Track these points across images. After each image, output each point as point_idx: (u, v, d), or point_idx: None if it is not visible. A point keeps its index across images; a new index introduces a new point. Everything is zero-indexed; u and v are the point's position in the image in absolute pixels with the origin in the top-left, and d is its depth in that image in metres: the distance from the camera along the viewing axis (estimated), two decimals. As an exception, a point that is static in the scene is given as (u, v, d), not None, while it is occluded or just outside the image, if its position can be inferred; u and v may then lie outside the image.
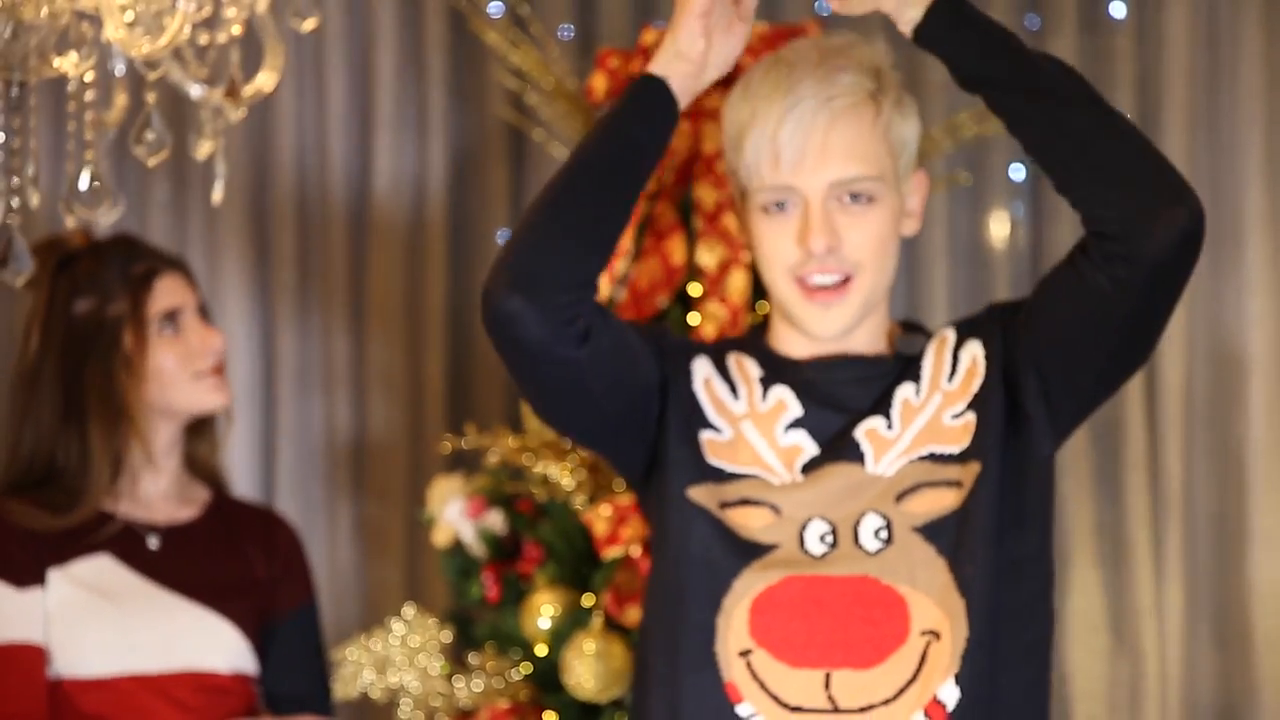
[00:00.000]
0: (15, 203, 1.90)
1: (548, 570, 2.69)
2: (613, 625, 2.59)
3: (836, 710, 1.96)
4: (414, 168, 3.64)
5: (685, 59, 2.00)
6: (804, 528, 2.02)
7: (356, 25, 3.63)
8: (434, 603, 3.37)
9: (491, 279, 1.99)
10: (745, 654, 1.99)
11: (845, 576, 1.99)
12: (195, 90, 1.97)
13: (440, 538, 2.87)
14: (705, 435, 2.09)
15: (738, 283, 2.68)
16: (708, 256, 2.69)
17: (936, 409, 2.06)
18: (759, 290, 2.72)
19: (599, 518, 2.61)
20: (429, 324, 3.60)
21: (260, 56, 2.00)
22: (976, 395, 2.05)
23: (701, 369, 2.13)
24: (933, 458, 2.03)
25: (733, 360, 2.14)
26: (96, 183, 1.91)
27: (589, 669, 2.56)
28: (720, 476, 2.06)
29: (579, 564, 2.68)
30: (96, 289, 2.55)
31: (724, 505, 2.05)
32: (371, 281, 3.62)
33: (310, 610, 2.68)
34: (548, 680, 2.64)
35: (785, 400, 2.09)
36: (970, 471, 2.01)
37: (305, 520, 3.62)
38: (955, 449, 2.03)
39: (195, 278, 2.68)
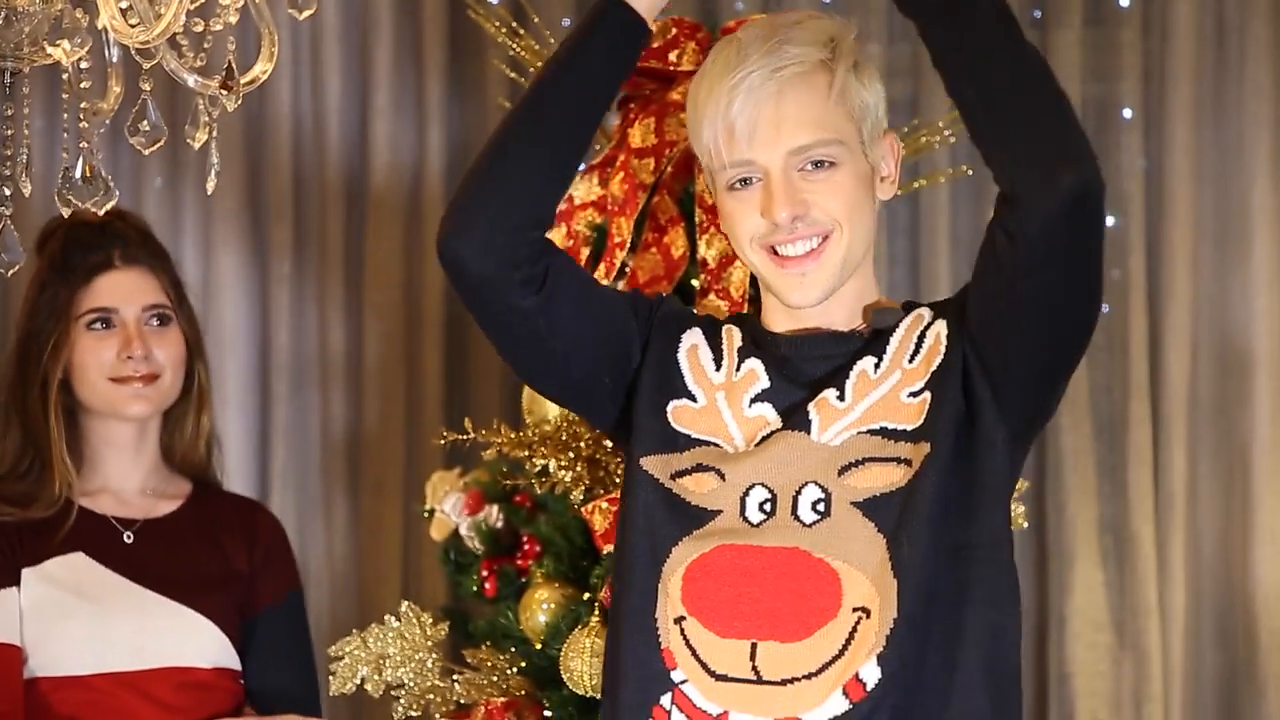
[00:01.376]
0: (8, 192, 1.88)
1: (545, 565, 2.69)
2: None
3: (760, 682, 1.94)
4: (412, 158, 3.63)
5: None
6: (745, 494, 2.01)
7: (354, 14, 3.62)
8: (430, 598, 3.38)
9: (441, 220, 2.02)
10: (679, 621, 1.98)
11: (777, 548, 1.97)
12: (190, 79, 1.95)
13: (437, 532, 2.86)
14: (675, 404, 2.08)
15: (739, 276, 2.65)
16: (709, 249, 2.67)
17: (894, 385, 2.02)
18: (759, 285, 2.72)
19: (598, 512, 2.59)
20: (426, 318, 3.60)
21: (256, 45, 1.98)
22: (934, 374, 2.01)
23: (690, 338, 2.12)
24: (884, 432, 1.99)
25: (725, 331, 2.13)
26: (91, 172, 1.89)
27: (587, 665, 2.54)
28: (679, 444, 2.05)
29: (577, 559, 2.67)
30: (53, 273, 2.52)
31: (676, 475, 2.04)
32: (368, 274, 3.62)
33: (294, 602, 2.67)
34: (545, 676, 2.63)
35: (755, 371, 2.07)
36: (920, 451, 1.97)
37: (301, 515, 3.64)
38: (908, 426, 1.99)
39: (171, 276, 2.63)
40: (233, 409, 3.62)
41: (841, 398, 2.02)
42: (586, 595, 2.62)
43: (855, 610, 1.94)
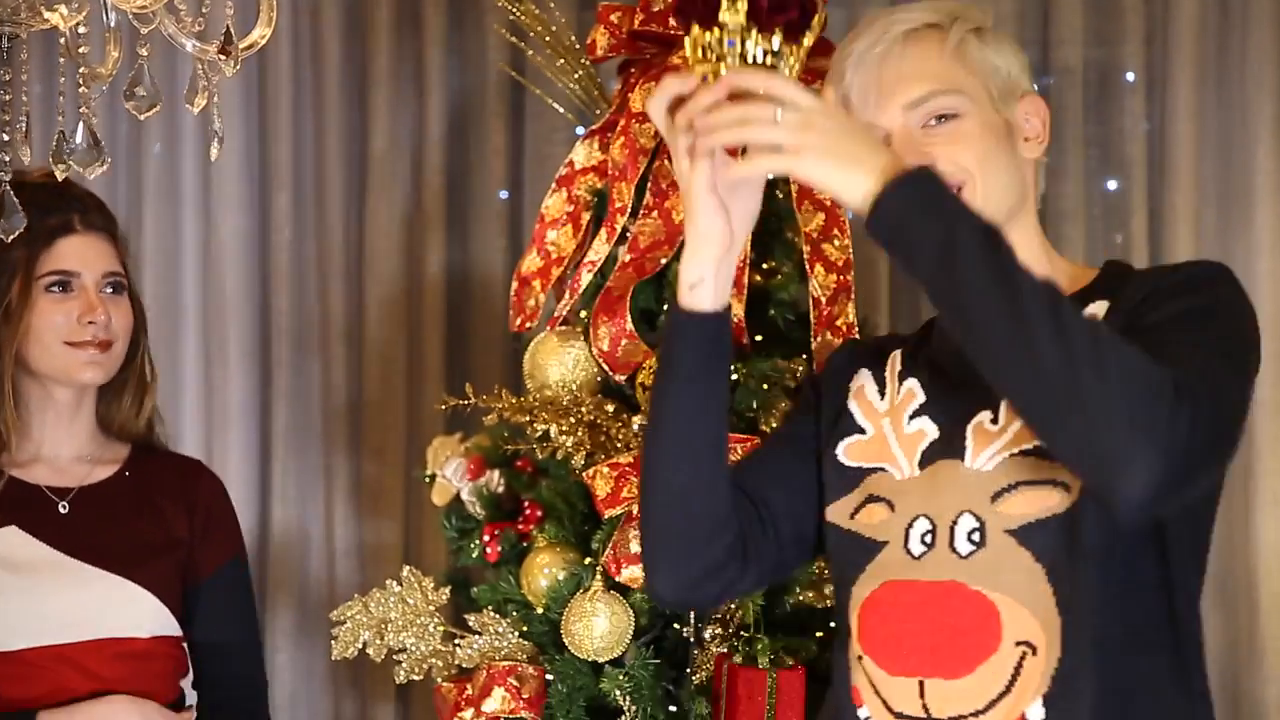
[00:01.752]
0: (6, 158, 1.87)
1: (547, 530, 2.68)
2: (612, 585, 2.58)
3: (930, 719, 1.88)
4: (412, 124, 3.62)
5: (711, 242, 1.88)
6: (910, 525, 1.93)
7: (353, -24, 3.61)
8: (432, 563, 3.37)
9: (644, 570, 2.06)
10: (859, 659, 1.95)
11: (935, 582, 1.89)
12: (189, 44, 1.94)
13: (438, 497, 2.85)
14: (846, 442, 2.02)
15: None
16: None
17: None
18: (762, 251, 2.72)
19: (600, 477, 2.59)
20: (427, 283, 3.58)
21: (255, 9, 1.97)
22: None
23: (858, 380, 2.06)
24: (1037, 453, 1.86)
25: (890, 359, 2.06)
26: (93, 137, 1.88)
27: (589, 629, 2.55)
28: (850, 479, 2.00)
29: (579, 524, 2.66)
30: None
31: (854, 513, 1.99)
32: (369, 239, 3.61)
33: (236, 565, 2.63)
34: (547, 640, 2.63)
35: (913, 390, 1.99)
36: (1073, 479, 1.84)
37: (302, 480, 3.64)
38: None
39: (124, 247, 2.59)
40: (234, 374, 3.61)
41: (995, 420, 1.91)
42: (588, 559, 2.61)
43: (1019, 644, 1.85)
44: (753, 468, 2.07)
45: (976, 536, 1.88)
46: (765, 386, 2.64)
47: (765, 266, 2.73)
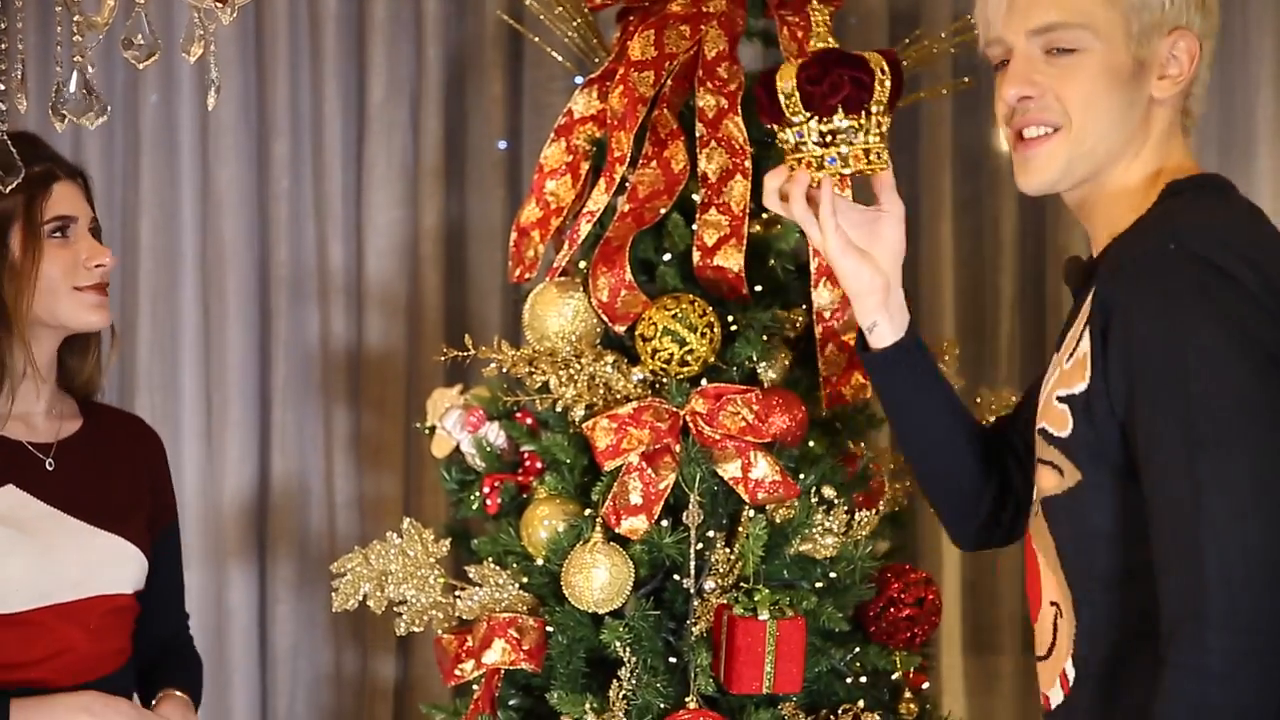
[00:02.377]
0: (3, 107, 1.85)
1: (547, 482, 2.68)
2: (613, 537, 2.58)
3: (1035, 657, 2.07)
4: (410, 72, 3.59)
5: (868, 292, 2.12)
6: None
7: (350, -73, 3.59)
8: (432, 515, 3.37)
9: None
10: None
11: (1028, 535, 2.06)
12: None
13: (439, 449, 2.85)
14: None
15: (738, 190, 2.64)
16: (709, 163, 2.66)
17: (1051, 386, 1.96)
18: (760, 200, 2.69)
19: (600, 429, 2.59)
20: (425, 233, 3.57)
21: None
22: (1075, 397, 1.91)
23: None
24: (1043, 434, 1.97)
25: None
26: (87, 87, 1.86)
27: (589, 580, 2.55)
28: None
29: (579, 475, 2.66)
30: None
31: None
32: (368, 189, 3.59)
33: (176, 525, 2.66)
34: (547, 591, 2.63)
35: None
36: (1067, 464, 1.92)
37: (301, 432, 3.64)
38: (1058, 433, 1.93)
39: (92, 193, 2.56)
40: (233, 323, 3.60)
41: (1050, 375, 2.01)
42: (588, 511, 2.61)
43: (1051, 604, 1.98)
44: (1012, 415, 2.26)
45: (1035, 505, 2.04)
46: (765, 338, 2.65)
47: (765, 216, 2.72)
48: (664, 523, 2.57)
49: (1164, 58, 1.97)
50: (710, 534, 2.58)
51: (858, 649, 2.67)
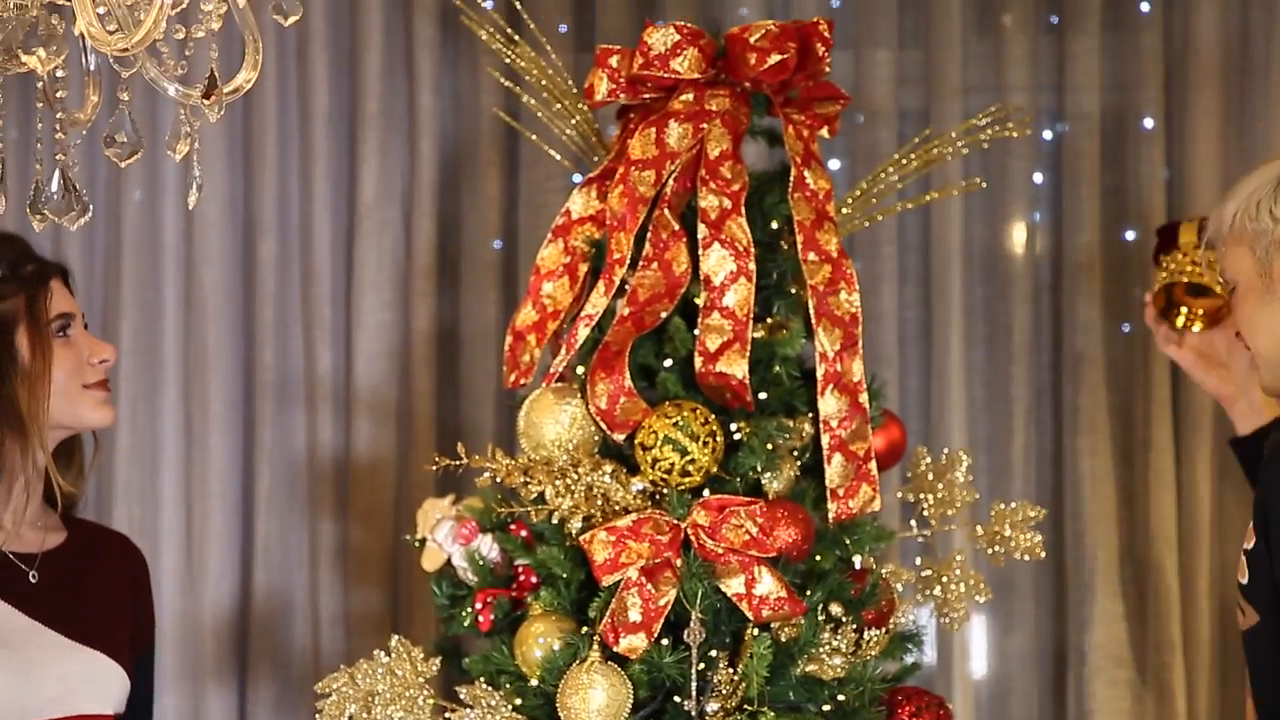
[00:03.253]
0: (-20, 206, 1.82)
1: (542, 597, 2.64)
2: (610, 655, 2.54)
3: None
4: (403, 168, 3.60)
5: (1229, 395, 2.80)
6: None
7: (342, 19, 3.59)
8: (422, 632, 3.36)
9: None
10: None
11: None
12: (171, 89, 1.88)
13: (429, 563, 2.79)
14: None
15: (742, 294, 2.63)
16: (712, 266, 2.64)
17: (1245, 538, 2.42)
18: (765, 304, 2.71)
19: (597, 542, 2.55)
20: (417, 337, 3.55)
21: (240, 52, 1.90)
22: (1250, 551, 2.39)
23: None
24: (1237, 581, 2.43)
25: None
26: (67, 185, 1.83)
27: (586, 701, 2.51)
28: None
29: (576, 591, 2.63)
30: (11, 281, 2.44)
31: None
32: (358, 291, 3.58)
33: (153, 646, 2.65)
34: (542, 714, 2.58)
35: None
36: (1247, 604, 2.40)
37: (286, 544, 3.61)
38: (1241, 581, 2.41)
39: (76, 289, 2.58)
40: (215, 430, 3.59)
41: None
42: (585, 629, 2.57)
43: None
44: None
45: None
46: (770, 447, 2.63)
47: (770, 321, 2.71)
48: (664, 641, 2.54)
49: None
50: (713, 653, 2.55)
51: (867, 775, 2.62)
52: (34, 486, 2.47)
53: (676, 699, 2.55)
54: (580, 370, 2.68)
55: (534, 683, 2.58)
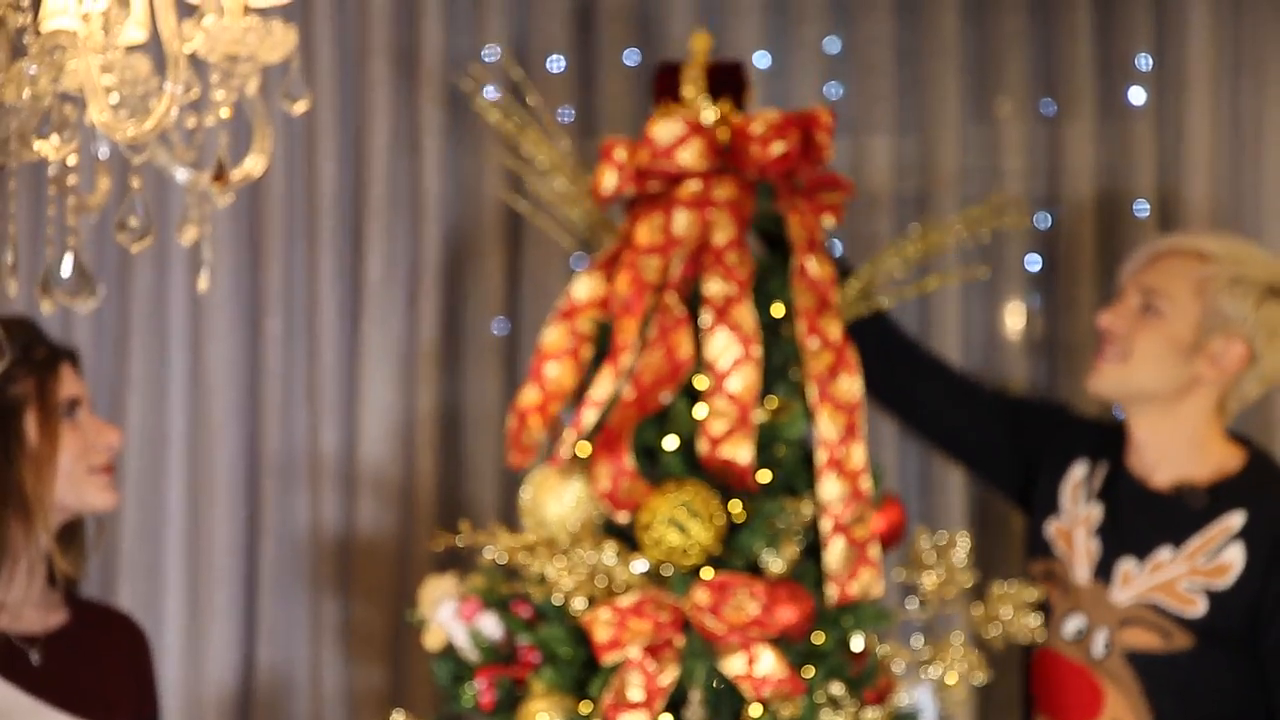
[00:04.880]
0: (-9, 290, 1.84)
1: (545, 676, 2.64)
2: None
3: None
4: (408, 252, 3.59)
5: None
6: (1067, 614, 2.86)
7: (349, 106, 3.59)
8: (424, 710, 3.31)
9: None
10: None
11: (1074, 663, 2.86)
12: (181, 174, 1.90)
13: (431, 641, 2.79)
14: (1052, 520, 2.94)
15: (747, 379, 2.63)
16: (716, 350, 2.64)
17: (1179, 574, 2.76)
18: (767, 388, 2.71)
19: (599, 621, 2.56)
20: (421, 417, 3.55)
21: (249, 137, 1.92)
22: (1217, 596, 2.73)
23: (1076, 471, 2.93)
24: (1155, 608, 2.76)
25: (1098, 466, 2.91)
26: (79, 270, 1.85)
27: (587, 780, 2.51)
28: (1044, 550, 2.94)
29: (577, 670, 2.62)
30: (15, 367, 2.44)
31: (1045, 575, 2.91)
32: (362, 370, 3.57)
33: None
34: (544, 792, 2.58)
35: (1100, 513, 2.87)
36: (1180, 629, 2.74)
37: (288, 621, 3.58)
38: (1178, 611, 2.74)
39: (83, 371, 2.59)
40: (220, 508, 3.56)
41: (1138, 570, 2.79)
42: (587, 707, 2.57)
43: None
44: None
45: (1107, 649, 2.81)
46: (772, 528, 2.63)
47: (772, 404, 2.72)
48: (666, 720, 2.52)
49: (1218, 351, 2.80)
50: (714, 732, 2.53)
51: None
52: (37, 568, 2.47)
53: (679, 776, 2.53)
54: (583, 450, 2.67)
55: (536, 761, 2.56)
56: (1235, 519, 2.78)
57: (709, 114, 2.74)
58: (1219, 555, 2.76)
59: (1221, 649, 2.75)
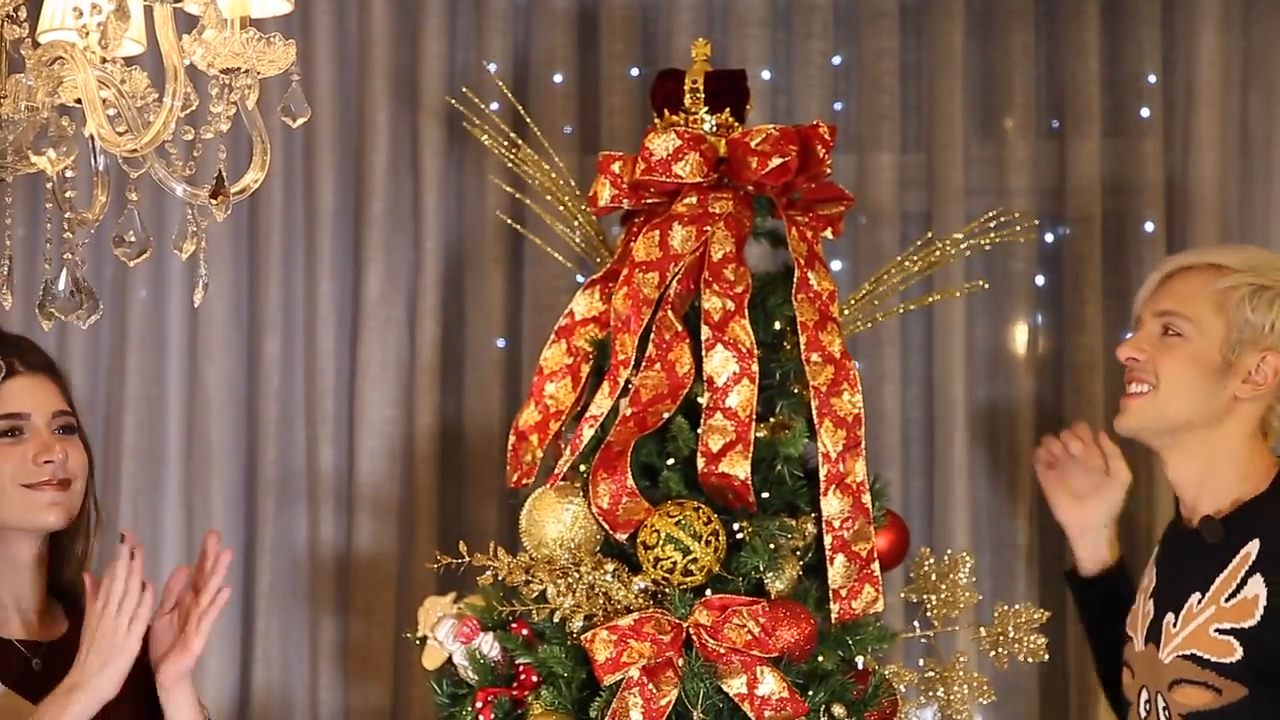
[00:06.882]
0: (-23, 304, 1.82)
1: (544, 696, 2.62)
2: None
3: None
4: (407, 269, 3.59)
5: (1076, 534, 2.86)
6: (1140, 691, 2.65)
7: (349, 122, 3.59)
8: None
9: None
10: None
11: None
12: (179, 189, 1.89)
13: (429, 661, 2.78)
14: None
15: (745, 395, 2.62)
16: (715, 367, 2.64)
17: (1208, 619, 2.54)
18: (769, 404, 2.71)
19: (599, 641, 2.55)
20: (420, 435, 3.54)
21: (248, 152, 1.91)
22: (1246, 631, 2.50)
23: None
24: (1194, 659, 2.54)
25: (1162, 538, 2.76)
26: (76, 285, 1.84)
27: (586, 801, 2.50)
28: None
29: (577, 690, 2.60)
30: None
31: (1124, 663, 2.73)
32: (361, 388, 3.56)
33: None
34: (543, 815, 2.57)
35: (1153, 574, 2.69)
36: (1233, 686, 2.50)
37: (286, 640, 3.57)
38: (1218, 659, 2.52)
39: (69, 390, 2.58)
40: (216, 526, 3.54)
41: (1175, 623, 2.58)
42: None
43: None
44: None
45: (1166, 715, 2.59)
46: (772, 546, 2.62)
47: (773, 420, 2.70)
48: (667, 742, 2.51)
49: (1251, 367, 2.59)
50: (715, 753, 2.52)
51: None
52: (30, 575, 2.50)
53: (679, 799, 2.52)
54: (583, 469, 2.67)
55: (535, 783, 2.54)
56: (1252, 548, 2.55)
57: (708, 124, 2.73)
58: (1241, 591, 2.52)
59: (1274, 689, 2.50)
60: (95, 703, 2.37)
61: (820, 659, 2.62)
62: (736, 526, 2.62)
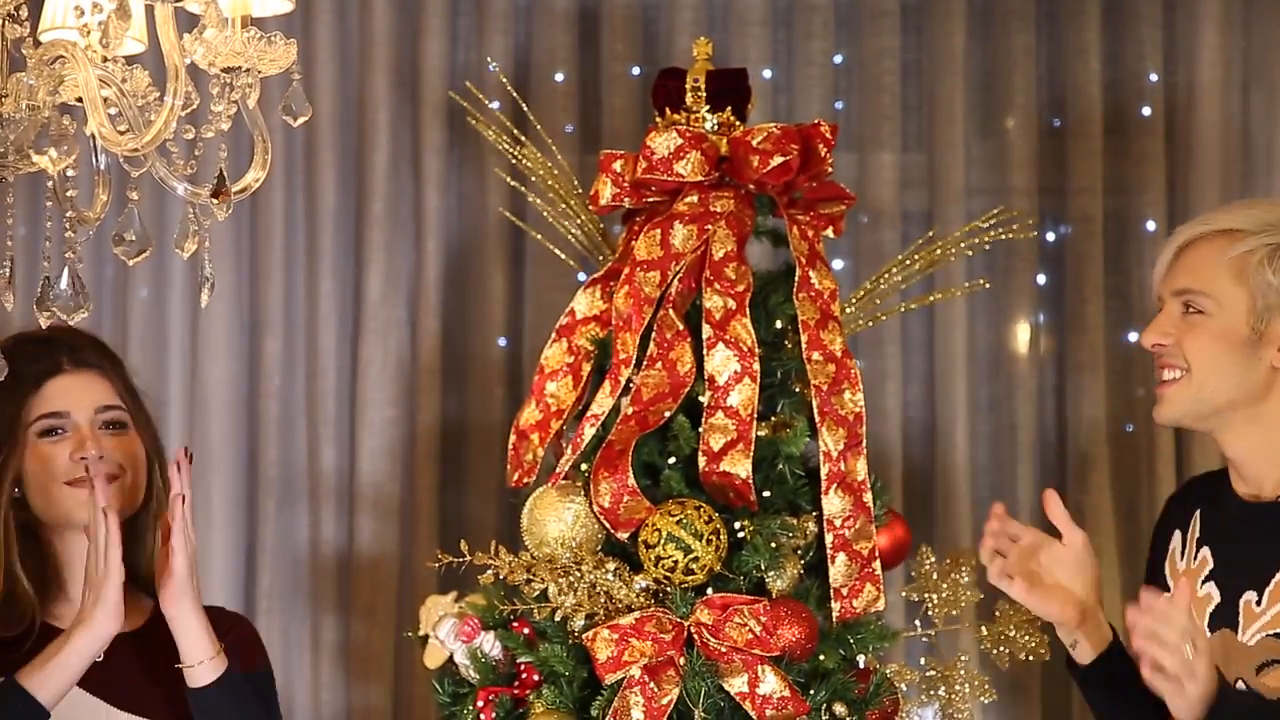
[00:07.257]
0: (-15, 304, 1.82)
1: (545, 695, 2.62)
2: None
3: None
4: (408, 269, 3.59)
5: (1059, 621, 2.40)
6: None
7: (350, 120, 3.59)
8: None
9: None
10: None
11: None
12: (180, 188, 1.89)
13: (431, 660, 2.78)
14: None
15: (746, 394, 2.63)
16: (716, 366, 2.64)
17: (1268, 622, 2.34)
18: (770, 403, 2.71)
19: (600, 640, 2.56)
20: (421, 434, 3.54)
21: (249, 151, 1.91)
22: None
23: (1173, 544, 2.50)
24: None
25: (1194, 519, 2.48)
26: (76, 284, 1.84)
27: (587, 800, 2.51)
28: None
29: (578, 689, 2.61)
30: (4, 388, 2.45)
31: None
32: (362, 387, 3.56)
33: (260, 678, 2.61)
34: (544, 814, 2.57)
35: (1206, 558, 2.44)
36: None
37: (288, 639, 3.57)
38: None
39: (124, 381, 2.57)
40: (218, 527, 3.55)
41: (1259, 601, 2.35)
42: None
43: None
44: None
45: None
46: (773, 545, 2.62)
47: (774, 419, 2.71)
48: (668, 741, 2.51)
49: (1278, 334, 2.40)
50: (716, 752, 2.53)
51: None
52: (76, 571, 2.48)
53: (681, 799, 2.53)
54: (584, 468, 2.67)
55: (536, 781, 2.55)
56: None
57: (709, 123, 2.74)
58: None
59: None
60: (94, 639, 2.35)
61: (821, 658, 2.63)
62: (738, 525, 2.62)
